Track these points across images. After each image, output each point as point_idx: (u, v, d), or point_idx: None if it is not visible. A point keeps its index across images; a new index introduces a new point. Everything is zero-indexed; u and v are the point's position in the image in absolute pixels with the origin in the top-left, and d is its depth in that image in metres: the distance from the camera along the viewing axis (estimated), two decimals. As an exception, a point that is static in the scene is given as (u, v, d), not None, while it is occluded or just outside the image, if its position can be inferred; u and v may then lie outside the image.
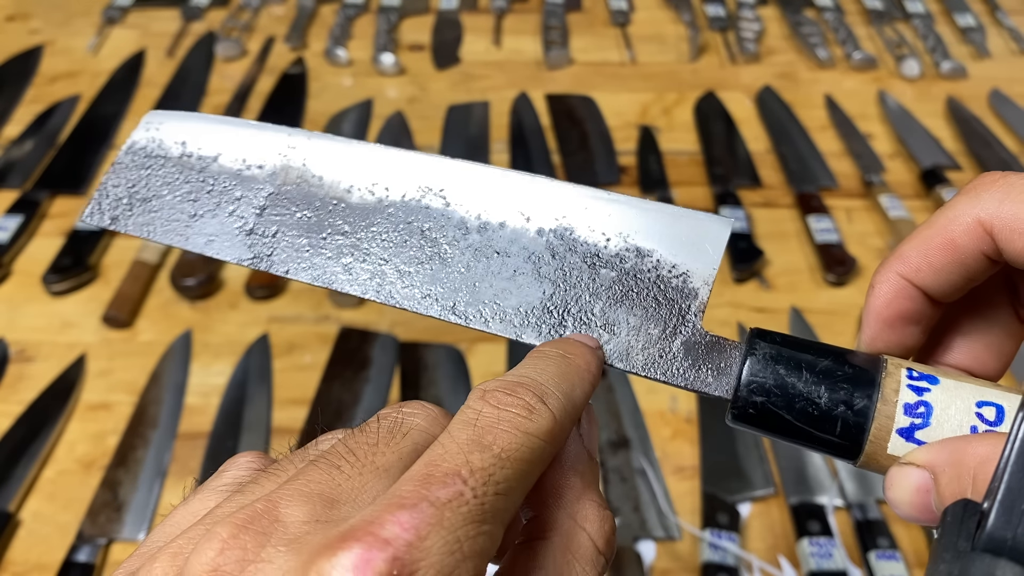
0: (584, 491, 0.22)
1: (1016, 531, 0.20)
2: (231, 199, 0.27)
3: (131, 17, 1.11)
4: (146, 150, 0.29)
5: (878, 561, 0.54)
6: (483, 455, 0.19)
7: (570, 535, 0.21)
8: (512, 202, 0.26)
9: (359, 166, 0.27)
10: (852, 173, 0.87)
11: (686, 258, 0.25)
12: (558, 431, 0.21)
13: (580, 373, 0.23)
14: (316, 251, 0.26)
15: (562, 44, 1.05)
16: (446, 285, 0.25)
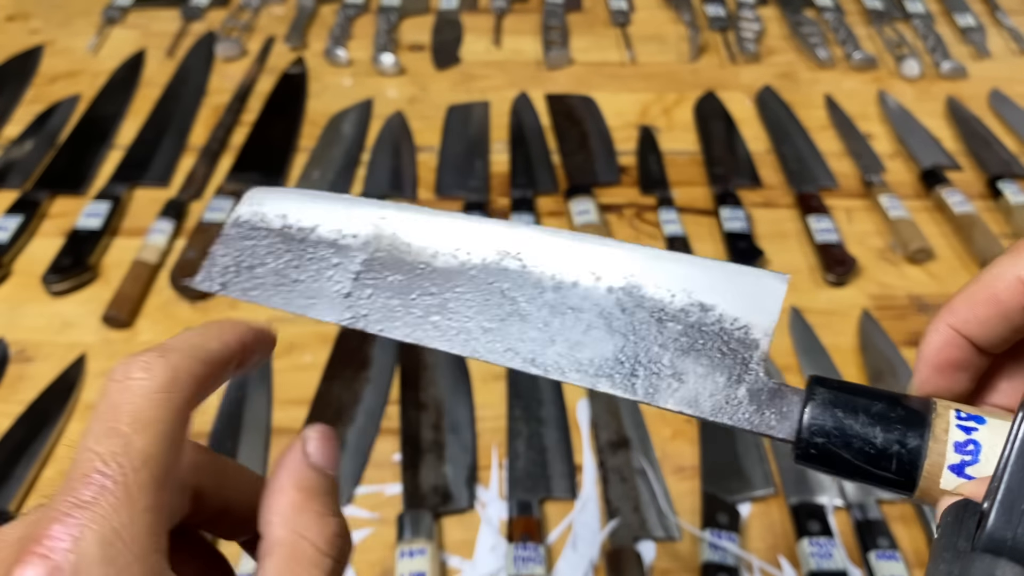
0: (306, 503, 0.23)
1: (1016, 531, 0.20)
2: (329, 266, 0.30)
3: (131, 17, 1.11)
4: (250, 223, 0.32)
5: (878, 561, 0.54)
6: (111, 440, 0.21)
7: (292, 547, 0.22)
8: (583, 263, 0.28)
9: (443, 234, 0.30)
10: (852, 173, 0.88)
11: (746, 311, 0.27)
12: (184, 378, 0.22)
13: (213, 328, 0.24)
14: (407, 311, 0.29)
15: (562, 44, 1.06)
16: (526, 339, 0.28)
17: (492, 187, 0.85)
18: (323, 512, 0.23)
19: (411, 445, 0.62)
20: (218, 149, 0.89)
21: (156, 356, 0.22)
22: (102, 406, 0.22)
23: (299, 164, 0.88)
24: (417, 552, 0.54)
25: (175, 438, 0.22)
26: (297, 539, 0.23)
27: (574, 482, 0.60)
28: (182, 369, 0.22)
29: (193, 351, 0.23)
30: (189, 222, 0.80)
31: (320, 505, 0.24)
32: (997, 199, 0.83)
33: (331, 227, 0.31)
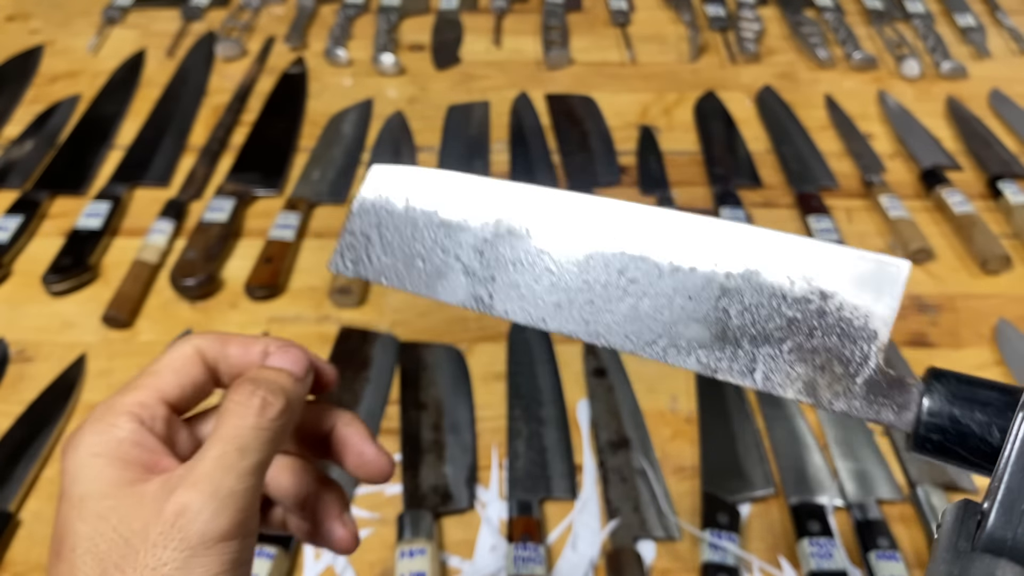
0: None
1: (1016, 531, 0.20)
2: (453, 250, 0.30)
3: (131, 17, 1.11)
4: (375, 205, 0.32)
5: (878, 561, 0.54)
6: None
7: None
8: (700, 247, 0.28)
9: (562, 216, 0.29)
10: (852, 173, 0.88)
11: (867, 299, 0.26)
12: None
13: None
14: (531, 294, 0.29)
15: (562, 44, 1.06)
16: (645, 325, 0.28)
17: (492, 187, 0.85)
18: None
19: (411, 445, 0.62)
20: (218, 149, 0.89)
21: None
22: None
23: (299, 164, 0.88)
24: (417, 552, 0.54)
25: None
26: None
27: (574, 482, 0.60)
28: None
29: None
30: (189, 222, 0.80)
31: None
32: (997, 199, 0.83)
33: (453, 210, 0.31)
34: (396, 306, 0.73)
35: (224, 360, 0.30)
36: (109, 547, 0.24)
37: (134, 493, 0.25)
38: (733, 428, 0.63)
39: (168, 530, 0.24)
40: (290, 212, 0.79)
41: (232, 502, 0.25)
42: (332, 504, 0.32)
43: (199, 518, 0.24)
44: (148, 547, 0.24)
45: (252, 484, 0.26)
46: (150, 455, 0.27)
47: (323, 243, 0.79)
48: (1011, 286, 0.75)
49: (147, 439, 0.27)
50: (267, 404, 0.27)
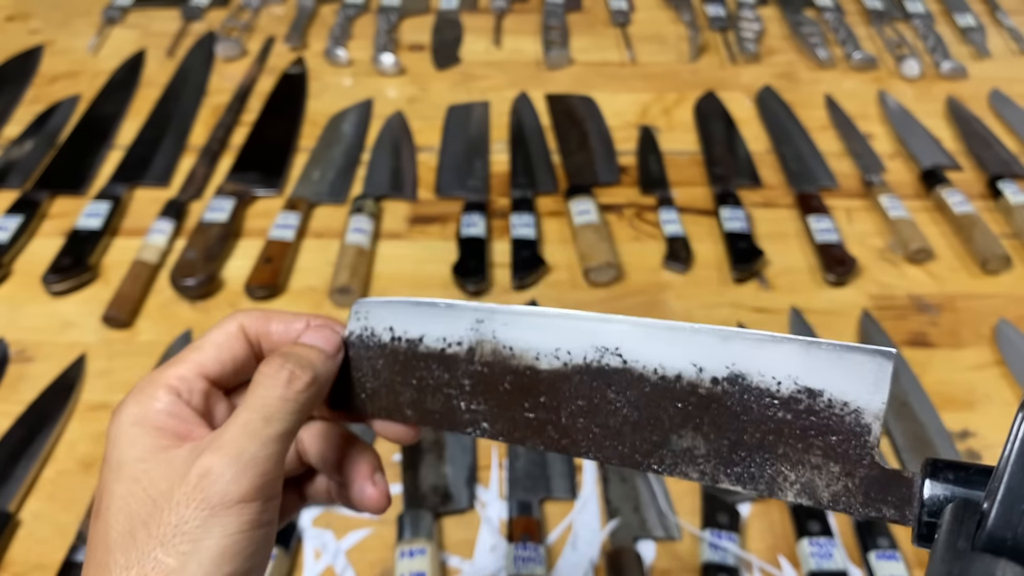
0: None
1: (1016, 531, 0.20)
2: (443, 376, 0.31)
3: (131, 17, 1.11)
4: (361, 338, 0.33)
5: (878, 561, 0.54)
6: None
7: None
8: (682, 353, 0.28)
9: (540, 333, 0.30)
10: (852, 173, 0.88)
11: (855, 395, 0.26)
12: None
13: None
14: (524, 420, 0.30)
15: (562, 44, 1.06)
16: (641, 439, 0.28)
17: (492, 187, 0.85)
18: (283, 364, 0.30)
19: (411, 445, 0.62)
20: (218, 149, 0.89)
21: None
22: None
23: (299, 164, 0.88)
24: (417, 552, 0.54)
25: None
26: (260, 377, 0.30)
27: (574, 482, 0.60)
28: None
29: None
30: (189, 222, 0.80)
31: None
32: (997, 199, 0.83)
33: (436, 336, 0.31)
34: (396, 306, 0.73)
35: (266, 336, 0.32)
36: (139, 506, 0.26)
37: (166, 458, 0.27)
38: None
39: (191, 491, 0.26)
40: (290, 212, 0.79)
41: (253, 466, 0.26)
42: (363, 464, 0.34)
43: (220, 480, 0.26)
44: (172, 506, 0.26)
45: (275, 451, 0.27)
46: (184, 425, 0.29)
47: (323, 243, 0.79)
48: (1011, 286, 0.75)
49: (183, 410, 0.29)
50: (294, 377, 0.29)
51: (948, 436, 0.62)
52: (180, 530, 0.25)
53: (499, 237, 0.79)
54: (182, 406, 0.29)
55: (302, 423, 0.29)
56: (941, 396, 0.65)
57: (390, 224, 0.81)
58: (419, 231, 0.80)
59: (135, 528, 0.26)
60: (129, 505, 0.26)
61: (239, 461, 0.26)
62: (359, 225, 0.77)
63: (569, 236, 0.80)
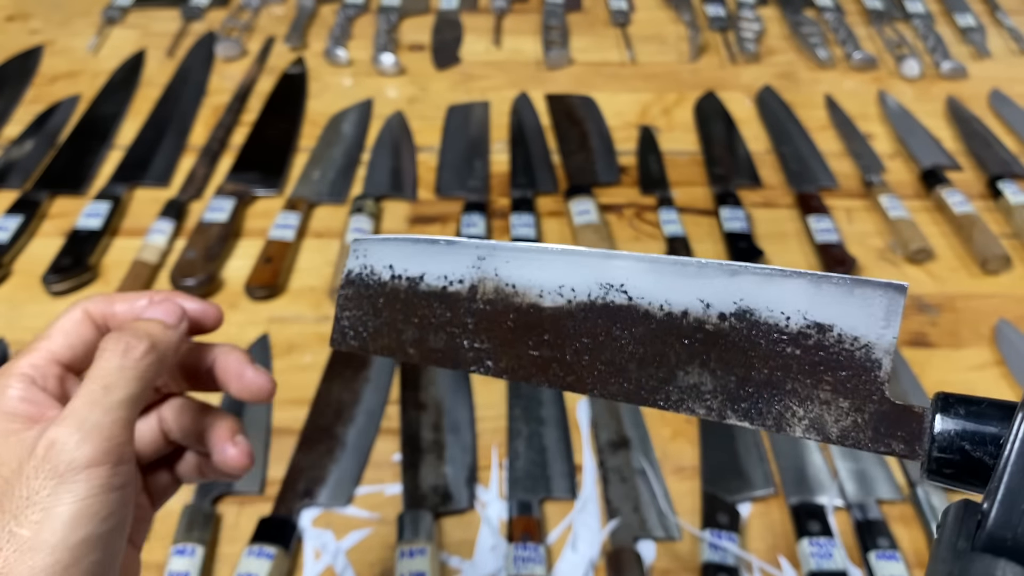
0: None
1: (1016, 531, 0.20)
2: (445, 315, 0.31)
3: (131, 17, 1.11)
4: (361, 277, 0.32)
5: (878, 561, 0.54)
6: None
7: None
8: (689, 289, 0.27)
9: (543, 270, 0.29)
10: (852, 173, 0.88)
11: (866, 329, 0.25)
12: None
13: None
14: (528, 356, 0.29)
15: (562, 44, 1.06)
16: (646, 375, 0.27)
17: (492, 187, 0.85)
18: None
19: (411, 445, 0.62)
20: (218, 149, 0.89)
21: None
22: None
23: (299, 164, 0.88)
24: (417, 552, 0.54)
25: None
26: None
27: (574, 482, 0.60)
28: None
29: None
30: (189, 222, 0.80)
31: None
32: (997, 199, 0.83)
33: (437, 274, 0.31)
34: (396, 306, 0.73)
35: (112, 317, 0.33)
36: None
37: (16, 440, 0.28)
38: (733, 428, 0.63)
39: (39, 463, 0.27)
40: (290, 212, 0.79)
41: (97, 432, 0.27)
42: (223, 429, 0.35)
43: (65, 448, 0.27)
44: (23, 480, 0.26)
45: (119, 417, 0.28)
46: (37, 408, 0.29)
47: (323, 243, 0.79)
48: (1011, 286, 0.75)
49: (36, 395, 0.30)
50: (130, 347, 0.30)
51: (948, 436, 0.62)
52: (31, 501, 0.26)
53: (499, 237, 0.79)
54: (36, 391, 0.30)
55: (146, 390, 0.30)
56: (941, 396, 0.65)
57: (390, 224, 0.81)
58: (419, 231, 0.80)
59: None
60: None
61: (82, 428, 0.27)
62: (359, 225, 0.77)
63: (569, 236, 0.80)
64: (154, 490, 0.36)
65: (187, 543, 0.54)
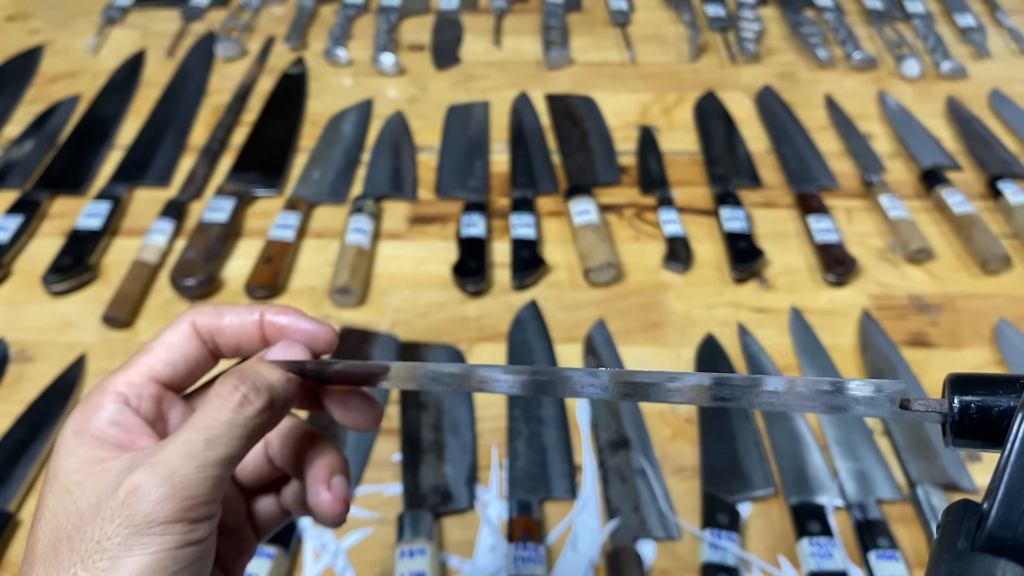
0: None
1: (1016, 531, 0.20)
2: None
3: (131, 17, 1.11)
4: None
5: (878, 561, 0.54)
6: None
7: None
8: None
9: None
10: (852, 173, 0.88)
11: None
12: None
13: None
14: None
15: (562, 44, 1.06)
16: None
17: (492, 187, 0.85)
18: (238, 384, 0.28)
19: (411, 445, 0.62)
20: (218, 149, 0.89)
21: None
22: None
23: (299, 164, 0.88)
24: (417, 552, 0.54)
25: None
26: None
27: (574, 482, 0.60)
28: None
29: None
30: (189, 222, 0.80)
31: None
32: (997, 199, 0.83)
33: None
34: (396, 306, 0.73)
35: (220, 331, 0.31)
36: (66, 519, 0.25)
37: (101, 470, 0.26)
38: (733, 428, 0.63)
39: (118, 506, 0.25)
40: (290, 212, 0.79)
41: (184, 489, 0.25)
42: (321, 467, 0.32)
43: (147, 499, 0.25)
44: (97, 521, 0.25)
45: (213, 476, 0.26)
46: (127, 435, 0.27)
47: (323, 243, 0.79)
48: (1011, 286, 0.75)
49: (128, 419, 0.28)
50: (247, 401, 0.27)
51: (948, 436, 0.62)
52: (101, 546, 0.24)
53: (499, 237, 0.79)
54: (128, 414, 0.28)
55: (250, 449, 0.28)
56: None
57: (390, 224, 0.81)
58: (419, 231, 0.80)
59: (59, 542, 0.25)
60: (58, 517, 0.25)
61: (169, 481, 0.25)
62: (359, 225, 0.77)
63: (569, 236, 0.80)
64: (259, 519, 0.34)
65: (187, 543, 0.54)
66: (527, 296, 0.74)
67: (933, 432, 0.62)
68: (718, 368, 0.67)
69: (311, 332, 0.31)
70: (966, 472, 0.60)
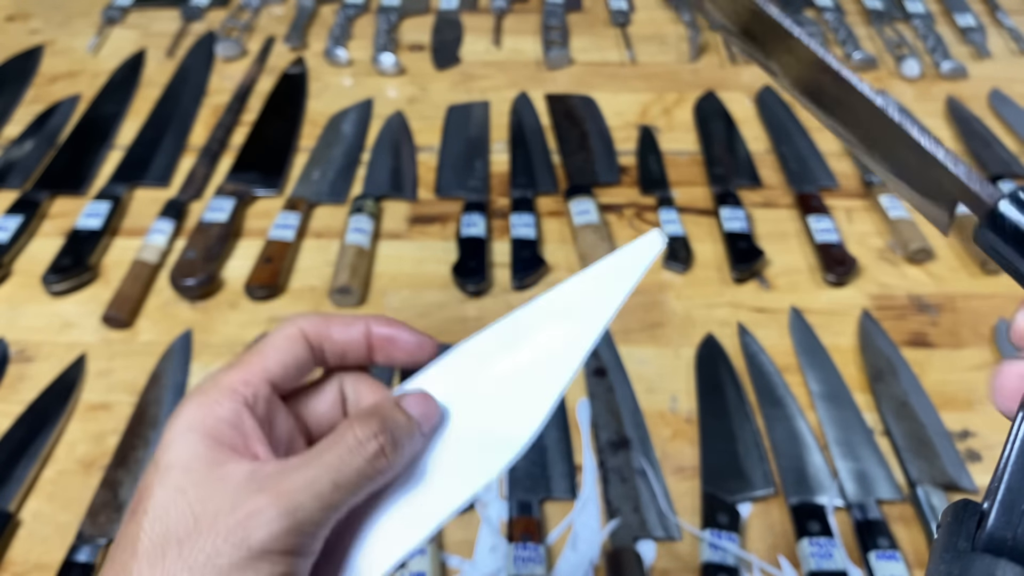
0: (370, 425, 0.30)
1: (1016, 531, 0.20)
2: None
3: (131, 17, 1.11)
4: None
5: (878, 561, 0.54)
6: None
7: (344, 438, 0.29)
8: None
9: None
10: (852, 173, 0.88)
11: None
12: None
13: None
14: None
15: (562, 44, 1.06)
16: None
17: (492, 187, 0.85)
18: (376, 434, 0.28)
19: (411, 445, 0.62)
20: (218, 149, 0.89)
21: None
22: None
23: (299, 164, 0.88)
24: (417, 552, 0.54)
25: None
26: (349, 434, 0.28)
27: (574, 482, 0.60)
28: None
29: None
30: (189, 222, 0.80)
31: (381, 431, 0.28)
32: (997, 199, 0.83)
33: None
34: (396, 306, 0.73)
35: (328, 339, 0.31)
36: (178, 519, 0.25)
37: (218, 476, 0.26)
38: (733, 428, 0.63)
39: (234, 526, 0.25)
40: (290, 212, 0.79)
41: (305, 526, 0.26)
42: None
43: (267, 528, 0.25)
44: (212, 533, 0.25)
45: (332, 517, 0.26)
46: (243, 439, 0.27)
47: (323, 243, 0.79)
48: (1011, 286, 0.75)
49: (245, 421, 0.28)
50: (381, 454, 0.28)
51: (948, 436, 0.62)
52: (211, 562, 0.24)
53: (499, 237, 0.79)
54: (246, 416, 0.28)
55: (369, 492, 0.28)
56: (941, 396, 0.65)
57: (390, 224, 0.81)
58: (419, 231, 0.80)
59: (167, 544, 0.25)
60: (169, 515, 0.25)
61: (293, 516, 0.25)
62: (359, 225, 0.77)
63: (569, 236, 0.80)
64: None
65: (187, 543, 0.54)
66: (527, 296, 0.74)
67: (933, 431, 0.62)
68: (718, 368, 0.67)
69: (416, 343, 0.32)
70: (966, 472, 0.60)
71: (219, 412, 0.27)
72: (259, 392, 0.29)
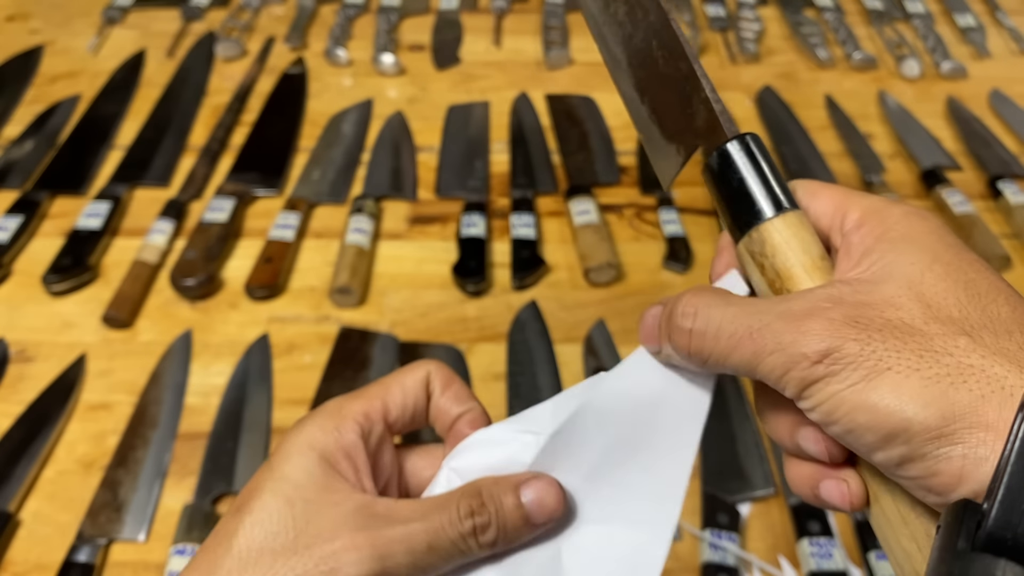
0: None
1: (1016, 531, 0.20)
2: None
3: (131, 17, 1.11)
4: None
5: (878, 561, 0.54)
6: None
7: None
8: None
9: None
10: (852, 173, 0.87)
11: None
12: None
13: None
14: None
15: (562, 44, 1.06)
16: None
17: (492, 187, 0.85)
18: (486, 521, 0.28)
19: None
20: (218, 149, 0.89)
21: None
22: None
23: (299, 164, 0.88)
24: None
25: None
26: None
27: (574, 482, 0.60)
28: None
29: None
30: (189, 222, 0.80)
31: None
32: (997, 199, 0.83)
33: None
34: (396, 306, 0.73)
35: (439, 397, 0.32)
36: (279, 531, 0.26)
37: (328, 501, 0.27)
38: (733, 428, 0.63)
39: (329, 555, 0.26)
40: (290, 212, 0.79)
41: (388, 573, 0.26)
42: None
43: (357, 567, 0.26)
44: (306, 555, 0.26)
45: (415, 573, 0.27)
46: (355, 471, 0.29)
47: (323, 243, 0.79)
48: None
49: (359, 454, 0.29)
50: (478, 533, 0.28)
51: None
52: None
53: (499, 237, 0.79)
54: (361, 450, 0.29)
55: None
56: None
57: (390, 224, 0.81)
58: (419, 231, 0.80)
59: (264, 552, 0.26)
60: (273, 523, 0.26)
61: (382, 563, 0.26)
62: (359, 225, 0.77)
63: (569, 236, 0.80)
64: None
65: (187, 543, 0.54)
66: (527, 296, 0.74)
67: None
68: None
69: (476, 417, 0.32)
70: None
71: (340, 440, 0.28)
72: (376, 428, 0.30)
